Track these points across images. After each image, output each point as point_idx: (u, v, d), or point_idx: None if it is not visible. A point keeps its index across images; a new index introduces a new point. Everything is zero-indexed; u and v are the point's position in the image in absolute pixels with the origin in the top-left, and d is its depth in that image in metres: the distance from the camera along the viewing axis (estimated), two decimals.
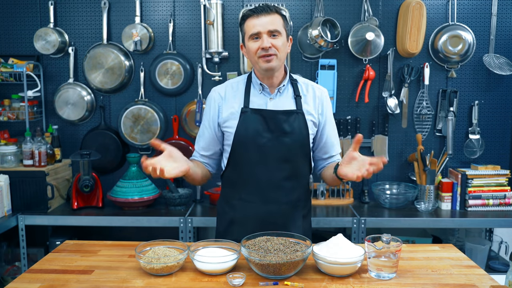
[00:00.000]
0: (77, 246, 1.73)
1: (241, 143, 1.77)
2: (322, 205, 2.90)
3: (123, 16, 3.00)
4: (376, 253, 1.42)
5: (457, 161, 3.05)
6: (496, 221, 2.72)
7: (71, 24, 3.03)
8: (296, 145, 1.78)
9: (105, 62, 2.95)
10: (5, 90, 3.05)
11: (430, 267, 1.52)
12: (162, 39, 3.01)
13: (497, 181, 2.82)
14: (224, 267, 1.43)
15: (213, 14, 2.86)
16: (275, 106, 1.79)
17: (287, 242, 1.48)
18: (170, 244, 1.57)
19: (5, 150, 2.74)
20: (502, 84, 3.01)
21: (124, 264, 1.53)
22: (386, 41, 2.89)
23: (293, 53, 2.98)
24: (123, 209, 2.79)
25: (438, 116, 3.00)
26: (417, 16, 2.78)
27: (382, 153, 3.01)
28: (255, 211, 1.78)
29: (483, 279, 1.42)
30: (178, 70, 2.95)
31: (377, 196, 2.91)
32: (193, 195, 2.97)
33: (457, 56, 2.91)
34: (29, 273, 1.47)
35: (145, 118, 2.95)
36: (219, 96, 1.83)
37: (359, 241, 2.62)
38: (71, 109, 3.00)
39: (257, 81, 1.81)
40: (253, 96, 1.81)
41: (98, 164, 2.98)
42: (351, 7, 2.95)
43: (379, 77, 2.99)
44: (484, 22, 2.96)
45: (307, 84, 1.86)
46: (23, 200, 2.70)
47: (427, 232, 3.05)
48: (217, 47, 2.91)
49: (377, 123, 3.04)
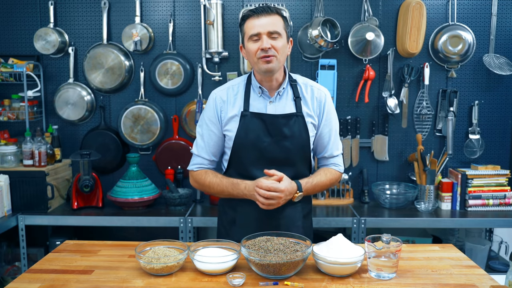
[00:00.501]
0: (77, 246, 1.73)
1: (242, 146, 1.76)
2: (322, 205, 2.90)
3: (123, 16, 3.00)
4: (376, 253, 1.42)
5: (457, 161, 3.05)
6: (496, 221, 2.72)
7: (71, 24, 3.03)
8: (297, 149, 1.77)
9: (105, 62, 2.95)
10: (5, 90, 3.05)
11: (430, 267, 1.52)
12: (162, 39, 3.01)
13: (497, 181, 2.82)
14: (224, 267, 1.43)
15: (213, 14, 2.86)
16: (275, 110, 1.77)
17: (287, 242, 1.48)
18: (170, 244, 1.57)
19: (5, 150, 2.74)
20: (502, 84, 3.01)
21: (124, 264, 1.53)
22: (386, 41, 2.89)
23: (293, 53, 2.98)
24: (123, 209, 2.79)
25: (438, 116, 3.00)
26: (417, 16, 2.78)
27: (382, 153, 3.01)
28: (257, 213, 1.78)
29: (483, 279, 1.42)
30: (178, 70, 2.95)
31: (377, 196, 2.91)
32: (193, 195, 2.97)
33: (457, 56, 2.91)
34: (29, 273, 1.47)
35: (145, 118, 2.95)
36: (220, 99, 1.81)
37: (359, 241, 2.62)
38: (71, 109, 3.00)
39: (256, 84, 1.79)
40: (253, 99, 1.79)
41: (98, 164, 2.98)
42: (351, 7, 2.95)
43: (379, 77, 2.99)
44: (484, 22, 2.96)
45: (306, 85, 1.84)
46: (23, 200, 2.70)
47: (427, 232, 3.05)
48: (217, 47, 2.91)
49: (377, 123, 3.04)
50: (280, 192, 1.65)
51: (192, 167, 1.87)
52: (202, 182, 1.84)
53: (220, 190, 1.80)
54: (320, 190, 1.86)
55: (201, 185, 1.86)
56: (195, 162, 1.87)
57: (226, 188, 1.78)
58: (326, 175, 1.85)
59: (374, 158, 3.05)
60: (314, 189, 1.82)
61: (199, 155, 1.85)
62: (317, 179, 1.81)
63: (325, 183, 1.84)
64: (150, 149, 3.07)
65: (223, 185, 1.78)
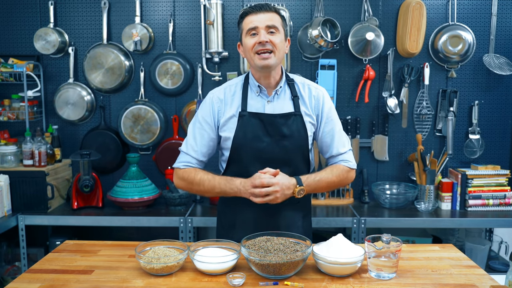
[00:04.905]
0: (77, 246, 1.73)
1: (240, 147, 1.75)
2: (322, 205, 2.90)
3: (123, 16, 3.00)
4: (376, 253, 1.42)
5: (457, 161, 3.05)
6: (496, 221, 2.72)
7: (71, 24, 3.03)
8: (295, 148, 1.77)
9: (105, 62, 2.95)
10: (5, 90, 3.05)
11: (430, 267, 1.52)
12: (162, 39, 3.01)
13: (497, 181, 2.82)
14: (224, 267, 1.43)
15: (213, 14, 2.86)
16: (273, 109, 1.77)
17: (287, 242, 1.48)
18: (170, 244, 1.57)
19: (5, 150, 2.74)
20: (502, 84, 3.01)
21: (124, 264, 1.53)
22: (386, 41, 2.89)
23: (293, 53, 2.98)
24: (123, 209, 2.79)
25: (438, 116, 3.00)
26: (417, 16, 2.78)
27: (382, 153, 3.01)
28: (256, 213, 1.77)
29: (483, 279, 1.42)
30: (178, 70, 2.95)
31: (377, 196, 2.91)
32: (193, 195, 2.97)
33: (457, 56, 2.91)
34: (29, 273, 1.47)
35: (145, 118, 2.95)
36: (218, 100, 1.79)
37: (359, 241, 2.62)
38: (71, 109, 3.00)
39: (254, 82, 1.79)
40: (251, 99, 1.78)
41: (98, 164, 2.98)
42: (351, 7, 2.95)
43: (379, 77, 2.99)
44: (484, 22, 2.96)
45: (303, 84, 1.83)
46: (23, 200, 2.70)
47: (427, 232, 3.05)
48: (217, 47, 2.91)
49: (377, 123, 3.04)
50: (275, 185, 1.62)
51: (179, 165, 1.81)
52: (191, 179, 1.76)
53: (211, 187, 1.74)
54: (327, 187, 1.80)
55: (190, 183, 1.78)
56: (182, 160, 1.81)
57: (218, 184, 1.72)
58: (332, 171, 1.79)
59: (374, 158, 3.05)
60: (319, 185, 1.75)
61: (188, 153, 1.80)
62: (320, 175, 1.76)
63: (331, 179, 1.78)
64: (150, 149, 3.07)
65: (215, 182, 1.73)
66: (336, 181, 1.80)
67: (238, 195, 1.71)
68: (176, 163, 1.84)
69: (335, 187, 1.85)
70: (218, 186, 1.73)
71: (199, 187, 1.77)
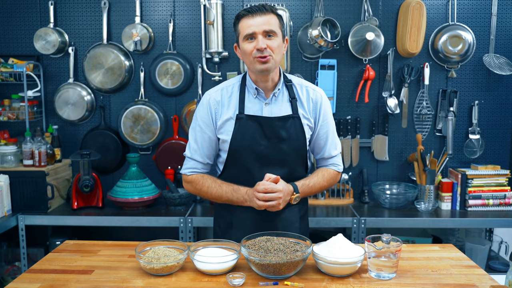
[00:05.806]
0: (77, 246, 1.73)
1: (238, 149, 1.74)
2: (322, 205, 2.90)
3: (123, 16, 3.00)
4: (376, 253, 1.42)
5: (457, 161, 3.05)
6: (496, 221, 2.72)
7: (71, 24, 3.03)
8: (293, 151, 1.76)
9: (105, 62, 2.95)
10: (5, 90, 3.05)
11: (430, 267, 1.52)
12: (162, 39, 3.01)
13: (497, 181, 2.82)
14: (224, 267, 1.43)
15: (213, 14, 2.86)
16: (271, 111, 1.76)
17: (287, 242, 1.48)
18: (170, 244, 1.57)
19: (5, 150, 2.74)
20: (502, 84, 3.01)
21: (124, 264, 1.53)
22: (386, 41, 2.89)
23: (293, 53, 2.98)
24: (123, 209, 2.79)
25: (438, 116, 3.00)
26: (417, 16, 2.78)
27: (382, 153, 3.01)
28: (253, 215, 1.77)
29: (483, 279, 1.42)
30: (178, 70, 2.95)
31: (377, 196, 2.91)
32: (193, 195, 2.97)
33: (457, 56, 2.91)
34: (29, 273, 1.47)
35: (145, 118, 2.95)
36: (214, 101, 1.77)
37: (359, 241, 2.62)
38: (71, 109, 3.00)
39: (252, 84, 1.76)
40: (248, 101, 1.77)
41: (98, 164, 2.98)
42: (351, 7, 2.95)
43: (379, 77, 2.99)
44: (484, 22, 2.96)
45: (301, 85, 1.82)
46: (23, 200, 2.70)
47: (427, 232, 3.05)
48: (217, 47, 2.91)
49: (377, 123, 3.04)
50: (278, 192, 1.65)
51: (186, 171, 1.83)
52: (199, 187, 1.80)
53: (219, 195, 1.77)
54: (317, 191, 1.85)
55: (198, 190, 1.82)
56: (188, 166, 1.83)
57: (225, 193, 1.75)
58: (323, 176, 1.84)
59: (374, 158, 3.05)
60: (311, 190, 1.80)
61: (193, 158, 1.81)
62: (313, 181, 1.80)
63: (322, 184, 1.83)
64: (150, 149, 3.07)
65: (222, 191, 1.76)
66: (326, 186, 1.87)
67: (244, 204, 1.73)
68: (183, 170, 1.85)
69: (323, 190, 1.93)
70: (225, 195, 1.76)
71: (207, 195, 1.81)
